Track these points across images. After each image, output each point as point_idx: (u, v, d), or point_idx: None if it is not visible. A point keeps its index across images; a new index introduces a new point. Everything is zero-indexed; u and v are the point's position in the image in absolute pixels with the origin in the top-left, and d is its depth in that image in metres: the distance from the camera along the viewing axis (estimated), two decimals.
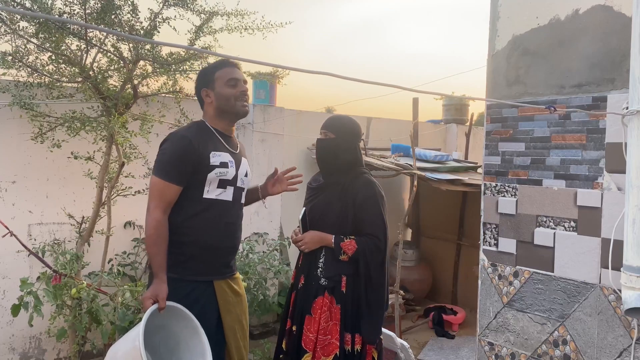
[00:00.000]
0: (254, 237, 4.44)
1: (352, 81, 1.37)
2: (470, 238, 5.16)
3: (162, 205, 2.03)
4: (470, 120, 5.97)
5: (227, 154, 2.15)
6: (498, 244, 2.83)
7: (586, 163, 2.49)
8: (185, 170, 2.04)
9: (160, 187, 2.03)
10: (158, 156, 2.10)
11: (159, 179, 2.04)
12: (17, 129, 3.36)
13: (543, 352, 2.64)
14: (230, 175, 2.14)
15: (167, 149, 2.08)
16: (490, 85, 2.90)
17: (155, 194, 2.04)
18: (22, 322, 3.07)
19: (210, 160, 2.08)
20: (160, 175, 2.04)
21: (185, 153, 2.04)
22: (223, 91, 2.14)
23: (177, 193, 2.06)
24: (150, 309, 1.90)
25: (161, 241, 2.01)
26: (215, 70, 2.18)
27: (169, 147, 2.08)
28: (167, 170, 2.04)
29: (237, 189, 2.19)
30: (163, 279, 1.99)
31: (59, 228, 3.59)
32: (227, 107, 2.16)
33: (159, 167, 2.06)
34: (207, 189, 2.09)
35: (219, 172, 2.09)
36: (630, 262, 1.80)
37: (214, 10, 3.20)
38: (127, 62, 3.20)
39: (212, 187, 2.10)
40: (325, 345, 2.36)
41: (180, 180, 2.05)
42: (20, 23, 2.94)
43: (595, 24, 2.46)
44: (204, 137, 2.12)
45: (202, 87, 2.18)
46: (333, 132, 2.51)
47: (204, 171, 2.07)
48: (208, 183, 2.09)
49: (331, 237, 2.41)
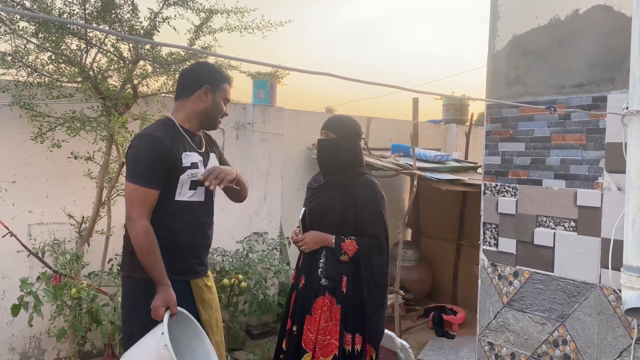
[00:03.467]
0: (254, 237, 4.44)
1: (352, 81, 1.37)
2: (470, 238, 5.16)
3: (145, 212, 1.96)
4: (470, 120, 5.97)
5: (195, 154, 2.10)
6: (498, 244, 2.83)
7: (586, 163, 2.49)
8: (162, 173, 1.98)
9: (141, 194, 1.96)
10: (131, 160, 2.00)
11: (138, 186, 1.95)
12: (17, 129, 3.36)
13: (543, 352, 2.64)
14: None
15: (141, 153, 1.98)
16: (490, 85, 2.90)
17: (137, 201, 1.96)
18: (22, 322, 3.07)
19: (182, 162, 2.03)
20: (139, 181, 1.96)
21: (160, 155, 1.97)
22: (219, 103, 2.14)
23: (156, 198, 1.99)
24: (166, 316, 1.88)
25: (155, 248, 1.95)
26: (224, 80, 2.16)
27: (143, 151, 1.98)
28: (145, 176, 1.96)
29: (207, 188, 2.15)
30: (168, 284, 1.95)
31: (59, 228, 3.58)
32: (212, 118, 2.14)
33: (137, 173, 1.97)
34: (179, 190, 2.04)
35: (191, 173, 2.05)
36: (630, 262, 1.80)
37: (214, 8, 3.20)
38: (127, 62, 3.20)
39: (185, 188, 2.05)
40: (325, 346, 2.36)
41: (158, 184, 1.98)
42: (20, 23, 2.94)
43: (595, 24, 2.46)
44: (174, 137, 2.05)
45: (206, 84, 2.10)
46: (334, 132, 2.50)
47: (176, 173, 2.01)
48: (180, 185, 2.04)
49: (332, 238, 2.41)
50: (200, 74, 2.14)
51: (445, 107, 7.07)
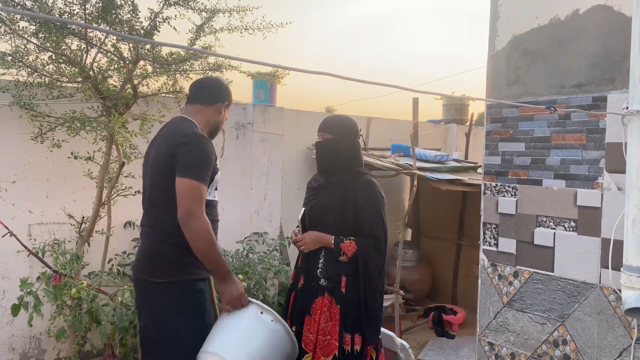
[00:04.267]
0: (254, 237, 4.44)
1: (352, 81, 1.37)
2: (470, 238, 5.16)
3: (204, 208, 2.01)
4: (470, 120, 5.97)
5: None
6: (498, 244, 2.83)
7: (586, 163, 2.49)
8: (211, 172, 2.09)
9: (202, 190, 2.01)
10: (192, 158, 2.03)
11: (199, 183, 2.00)
12: (17, 129, 3.36)
13: (543, 352, 2.64)
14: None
15: (202, 151, 2.05)
16: (490, 85, 2.90)
17: (199, 197, 1.99)
18: (22, 322, 3.08)
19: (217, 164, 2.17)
20: (199, 178, 2.00)
21: (213, 155, 2.10)
22: (224, 119, 2.34)
23: None
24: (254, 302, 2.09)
25: (216, 242, 2.05)
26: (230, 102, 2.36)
27: (203, 149, 2.06)
28: (205, 174, 2.03)
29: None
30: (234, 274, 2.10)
31: (59, 228, 3.58)
32: (216, 132, 2.32)
33: (198, 169, 2.02)
34: (210, 190, 2.13)
35: (219, 174, 2.20)
36: (630, 262, 1.80)
37: (216, 7, 3.20)
38: (127, 62, 3.20)
39: (212, 188, 2.17)
40: (325, 346, 2.36)
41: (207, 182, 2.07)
42: (20, 23, 2.94)
43: (595, 24, 2.46)
44: None
45: (225, 102, 2.29)
46: (330, 132, 2.50)
47: (214, 173, 2.13)
48: (213, 185, 2.16)
49: (331, 238, 2.41)
50: (224, 89, 2.32)
51: (445, 107, 7.07)
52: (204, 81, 2.39)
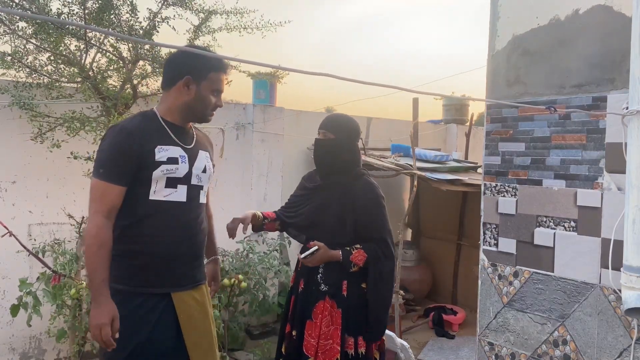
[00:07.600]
0: (253, 237, 4.44)
1: (352, 82, 1.36)
2: (470, 238, 5.16)
3: (103, 209, 1.77)
4: (470, 121, 5.97)
5: (177, 148, 1.88)
6: (498, 244, 2.82)
7: (586, 163, 2.48)
8: (127, 167, 1.79)
9: (101, 188, 1.78)
10: (96, 154, 1.85)
11: (98, 180, 1.79)
12: (17, 129, 3.35)
13: (543, 352, 2.64)
14: (182, 173, 1.87)
15: (104, 145, 1.82)
16: (490, 85, 2.89)
17: (95, 197, 1.78)
18: (22, 322, 3.07)
19: (156, 156, 1.82)
20: (99, 175, 1.79)
21: (124, 148, 1.78)
22: (207, 96, 1.90)
23: (120, 195, 1.80)
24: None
25: (104, 251, 1.74)
26: (211, 69, 1.89)
27: (106, 143, 1.82)
28: (106, 170, 1.79)
29: (192, 187, 1.92)
30: (108, 295, 1.73)
31: (59, 228, 3.58)
32: (198, 112, 1.92)
33: (97, 167, 1.81)
34: (153, 189, 1.83)
35: (166, 169, 1.83)
36: (630, 262, 1.80)
37: (213, 9, 3.20)
38: (127, 62, 3.20)
39: (160, 186, 1.84)
40: (327, 350, 2.33)
41: (121, 179, 1.79)
42: (19, 23, 2.94)
43: (595, 24, 2.46)
44: (148, 129, 1.85)
45: (188, 75, 1.86)
46: (332, 132, 2.42)
47: (148, 168, 1.81)
48: (154, 182, 1.82)
49: (339, 253, 2.31)
50: (181, 63, 1.90)
51: (445, 107, 7.07)
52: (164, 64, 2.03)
